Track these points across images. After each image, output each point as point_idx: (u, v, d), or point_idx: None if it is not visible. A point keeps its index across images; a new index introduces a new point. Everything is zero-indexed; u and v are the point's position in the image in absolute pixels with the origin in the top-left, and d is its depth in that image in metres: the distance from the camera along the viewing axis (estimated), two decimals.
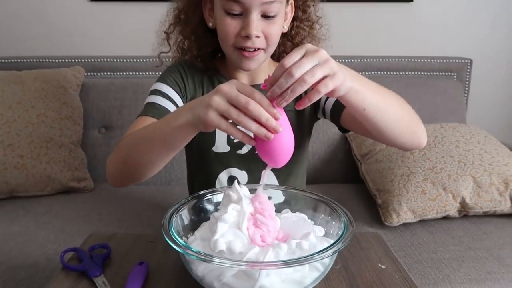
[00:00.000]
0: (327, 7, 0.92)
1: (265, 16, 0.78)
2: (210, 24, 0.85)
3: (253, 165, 0.87)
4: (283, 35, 0.87)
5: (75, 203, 1.29)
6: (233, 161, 0.89)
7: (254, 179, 0.88)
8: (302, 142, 0.94)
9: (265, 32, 0.79)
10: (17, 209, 1.23)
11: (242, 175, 0.89)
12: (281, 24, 0.83)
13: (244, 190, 0.60)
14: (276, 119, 0.54)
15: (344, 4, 1.70)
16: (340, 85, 0.56)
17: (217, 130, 0.80)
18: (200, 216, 0.67)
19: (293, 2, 0.86)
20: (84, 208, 1.26)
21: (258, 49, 0.80)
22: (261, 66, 0.86)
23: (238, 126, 0.56)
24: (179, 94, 0.86)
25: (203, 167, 0.91)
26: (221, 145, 0.88)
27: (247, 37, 0.77)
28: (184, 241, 0.58)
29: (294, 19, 0.88)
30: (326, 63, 0.54)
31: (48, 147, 1.33)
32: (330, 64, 0.54)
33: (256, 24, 0.77)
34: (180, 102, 0.86)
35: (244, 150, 0.88)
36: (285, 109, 0.56)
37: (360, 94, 0.62)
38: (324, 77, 0.54)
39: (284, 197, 0.72)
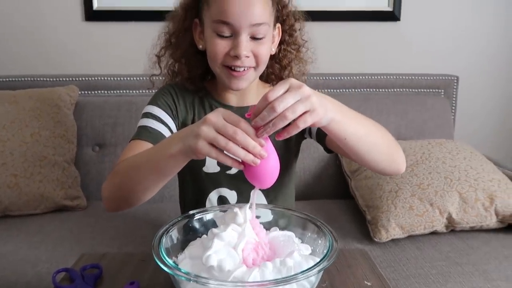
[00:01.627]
0: (316, 26, 0.96)
1: (254, 38, 0.81)
2: (200, 47, 0.88)
3: (243, 185, 0.89)
4: (271, 57, 0.90)
5: (68, 222, 1.29)
6: (223, 181, 0.91)
7: (243, 199, 0.90)
8: (289, 162, 0.96)
9: (254, 51, 0.82)
10: (10, 228, 1.24)
11: (231, 195, 0.91)
12: (269, 45, 0.86)
13: (249, 214, 0.62)
14: (261, 146, 0.58)
15: (333, 23, 1.75)
16: (320, 119, 0.60)
17: None
18: (189, 235, 0.69)
19: (280, 26, 0.90)
20: (77, 226, 1.26)
21: (248, 68, 0.83)
22: (250, 87, 0.89)
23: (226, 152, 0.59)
24: (171, 116, 0.88)
25: (194, 186, 0.93)
26: (211, 165, 0.90)
27: (237, 57, 0.80)
28: (173, 261, 0.60)
29: (281, 42, 0.92)
30: (307, 99, 0.57)
31: (42, 166, 1.35)
32: (312, 100, 0.57)
33: (246, 44, 0.80)
34: (172, 124, 0.88)
35: (234, 170, 0.90)
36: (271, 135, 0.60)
37: (341, 125, 0.65)
38: (305, 113, 0.57)
39: (272, 216, 0.74)
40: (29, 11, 1.67)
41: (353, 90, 1.69)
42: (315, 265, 0.56)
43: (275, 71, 0.93)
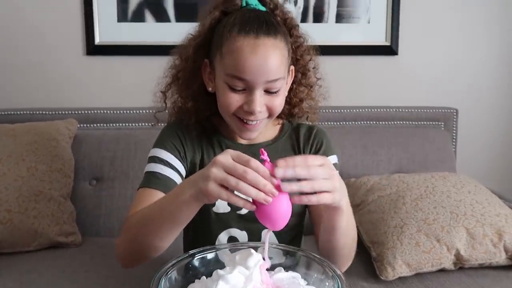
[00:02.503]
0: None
1: (269, 92, 0.80)
2: (210, 89, 0.85)
3: (254, 225, 0.86)
4: None
5: (62, 260, 1.24)
6: (233, 222, 0.87)
7: (254, 240, 0.87)
8: (303, 208, 0.94)
9: (269, 105, 0.81)
10: (1, 267, 1.19)
11: (242, 235, 0.88)
12: (284, 95, 0.85)
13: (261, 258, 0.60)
14: (273, 184, 0.58)
15: (331, 57, 1.77)
16: (333, 203, 0.63)
17: None
18: (189, 275, 0.66)
19: (293, 68, 0.87)
20: (71, 264, 1.21)
21: (261, 120, 0.82)
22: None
23: (236, 192, 0.58)
24: (179, 159, 0.86)
25: (202, 227, 0.88)
26: (221, 205, 0.86)
27: (250, 112, 0.79)
28: None
29: (293, 82, 0.89)
30: (333, 182, 0.61)
31: (37, 201, 1.31)
32: (335, 184, 0.62)
33: (260, 100, 0.78)
34: (181, 167, 0.86)
35: (244, 210, 0.86)
36: None
37: (340, 216, 0.69)
38: (326, 191, 0.61)
39: (284, 258, 0.71)
40: (31, 44, 1.69)
41: (353, 122, 1.68)
42: None
43: (284, 110, 0.90)
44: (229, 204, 0.86)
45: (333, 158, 0.93)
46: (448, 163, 1.62)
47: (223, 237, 0.88)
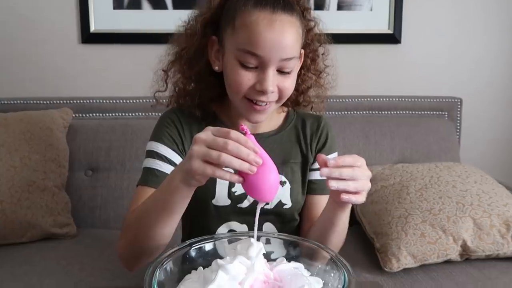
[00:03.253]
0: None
1: (281, 71, 0.76)
2: (216, 68, 0.81)
3: (253, 218, 0.82)
4: None
5: (56, 251, 1.21)
6: (234, 215, 0.84)
7: None
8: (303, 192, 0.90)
9: (280, 86, 0.77)
10: None
11: (242, 229, 0.84)
12: (295, 78, 0.81)
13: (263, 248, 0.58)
14: (255, 152, 0.57)
15: (333, 46, 1.72)
16: (357, 202, 0.65)
17: (217, 183, 0.80)
18: (186, 266, 0.62)
19: (303, 52, 0.83)
20: (66, 256, 1.18)
21: (270, 102, 0.78)
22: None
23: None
24: (177, 152, 0.82)
25: (202, 220, 0.85)
26: (221, 198, 0.82)
27: (262, 92, 0.75)
28: None
29: (301, 67, 0.85)
30: (366, 184, 0.64)
31: (30, 191, 1.27)
32: (366, 187, 0.65)
33: (273, 79, 0.75)
34: (179, 161, 0.81)
35: (246, 203, 0.83)
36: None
37: (344, 212, 0.72)
38: (361, 192, 0.64)
39: (286, 251, 0.67)
40: (24, 33, 1.64)
41: (356, 112, 1.65)
42: None
43: (290, 97, 0.85)
44: (229, 197, 0.82)
45: (335, 155, 0.91)
46: (452, 153, 1.58)
47: (222, 230, 0.84)
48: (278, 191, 0.61)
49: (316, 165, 0.86)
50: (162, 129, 0.83)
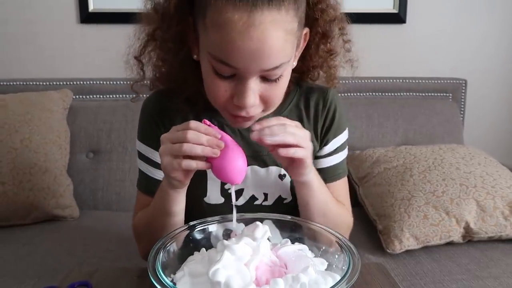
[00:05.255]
0: None
1: (266, 80, 0.61)
2: (195, 56, 0.67)
3: (251, 217, 0.79)
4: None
5: (59, 233, 1.22)
6: (228, 213, 0.76)
7: None
8: None
9: (265, 95, 0.62)
10: None
11: (238, 227, 0.82)
12: (286, 83, 0.65)
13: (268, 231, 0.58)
14: (216, 137, 0.58)
15: None
16: (307, 166, 0.63)
17: (208, 180, 0.76)
18: (189, 247, 0.62)
19: (308, 31, 0.68)
20: (68, 238, 1.19)
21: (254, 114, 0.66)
22: None
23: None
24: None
25: (195, 218, 0.81)
26: (213, 196, 0.77)
27: (239, 107, 0.62)
28: (171, 279, 0.53)
29: (307, 47, 0.71)
30: (308, 142, 0.61)
31: (32, 173, 1.27)
32: (310, 144, 0.62)
33: (253, 92, 0.61)
34: None
35: (240, 201, 0.77)
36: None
37: (309, 190, 0.68)
38: (299, 146, 0.60)
39: (281, 238, 0.65)
40: (22, 13, 1.61)
41: (359, 94, 1.63)
42: (337, 283, 0.49)
43: (291, 78, 0.70)
44: (222, 195, 0.77)
45: (345, 134, 0.81)
46: (456, 135, 1.57)
47: (218, 229, 0.81)
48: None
49: (323, 152, 0.78)
50: (142, 125, 0.78)
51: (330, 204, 0.73)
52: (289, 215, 0.77)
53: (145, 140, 0.78)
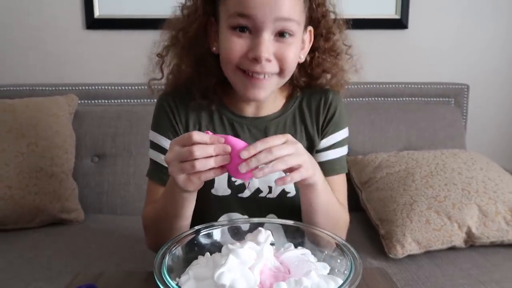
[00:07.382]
0: None
1: (280, 35, 0.68)
2: (214, 49, 0.74)
3: (256, 209, 0.80)
4: (298, 65, 0.77)
5: (64, 236, 1.23)
6: (235, 205, 0.80)
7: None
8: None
9: (279, 54, 0.68)
10: (2, 243, 1.17)
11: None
12: (298, 49, 0.72)
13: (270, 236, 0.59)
14: (220, 142, 0.59)
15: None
16: (308, 177, 0.63)
17: None
18: (194, 251, 0.63)
19: (312, 29, 0.76)
20: (74, 241, 1.20)
21: (270, 74, 0.70)
22: (269, 96, 0.76)
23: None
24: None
25: (201, 211, 0.81)
26: (220, 188, 0.79)
27: (256, 60, 0.67)
28: (177, 282, 0.54)
29: (314, 49, 0.78)
30: (300, 156, 0.61)
31: (38, 177, 1.29)
32: (304, 158, 0.61)
33: (268, 45, 0.67)
34: None
35: (246, 193, 0.80)
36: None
37: (314, 192, 0.68)
38: (299, 166, 0.60)
39: (285, 240, 0.67)
40: (28, 18, 1.63)
41: (361, 99, 1.64)
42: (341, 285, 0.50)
43: (299, 83, 0.79)
44: (229, 187, 0.80)
45: (345, 132, 0.84)
46: (458, 140, 1.57)
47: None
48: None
49: (322, 146, 0.82)
50: (157, 116, 0.81)
51: (332, 203, 0.74)
52: (292, 208, 0.81)
53: (159, 129, 0.80)
